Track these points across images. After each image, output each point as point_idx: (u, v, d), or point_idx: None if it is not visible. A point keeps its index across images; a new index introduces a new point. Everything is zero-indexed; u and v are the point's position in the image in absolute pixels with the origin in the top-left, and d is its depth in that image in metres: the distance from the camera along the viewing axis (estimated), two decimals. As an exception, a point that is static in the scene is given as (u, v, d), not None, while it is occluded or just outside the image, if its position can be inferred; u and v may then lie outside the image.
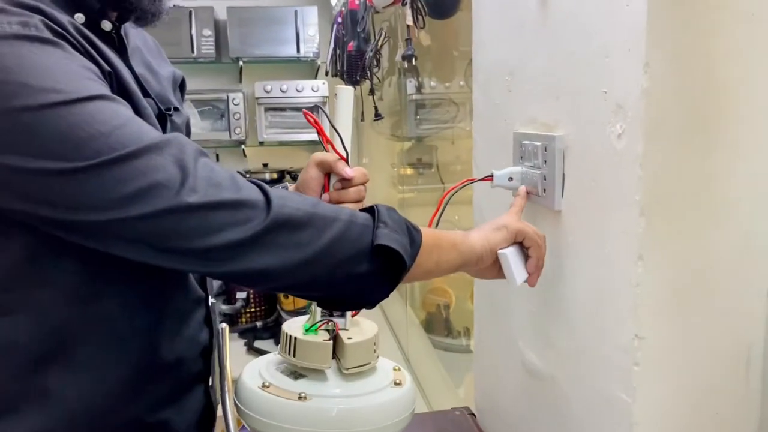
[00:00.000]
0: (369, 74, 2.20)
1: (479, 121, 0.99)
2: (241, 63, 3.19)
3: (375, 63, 2.20)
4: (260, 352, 2.86)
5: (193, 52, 3.04)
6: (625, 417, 0.60)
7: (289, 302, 3.17)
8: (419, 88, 2.54)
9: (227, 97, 3.16)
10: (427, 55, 2.38)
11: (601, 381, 0.64)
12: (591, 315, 0.66)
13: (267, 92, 3.17)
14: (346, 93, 0.82)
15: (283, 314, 3.11)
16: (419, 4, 1.24)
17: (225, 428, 1.27)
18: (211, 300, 0.83)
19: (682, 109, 0.55)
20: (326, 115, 0.78)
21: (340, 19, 2.44)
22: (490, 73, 0.93)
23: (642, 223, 0.56)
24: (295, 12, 3.22)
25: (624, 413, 0.60)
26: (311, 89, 3.19)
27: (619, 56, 0.57)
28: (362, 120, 2.82)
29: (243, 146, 3.25)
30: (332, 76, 2.59)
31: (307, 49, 3.20)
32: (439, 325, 2.43)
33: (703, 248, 0.57)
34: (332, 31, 2.54)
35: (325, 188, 0.82)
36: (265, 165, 3.28)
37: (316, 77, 3.31)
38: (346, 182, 0.80)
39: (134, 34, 0.84)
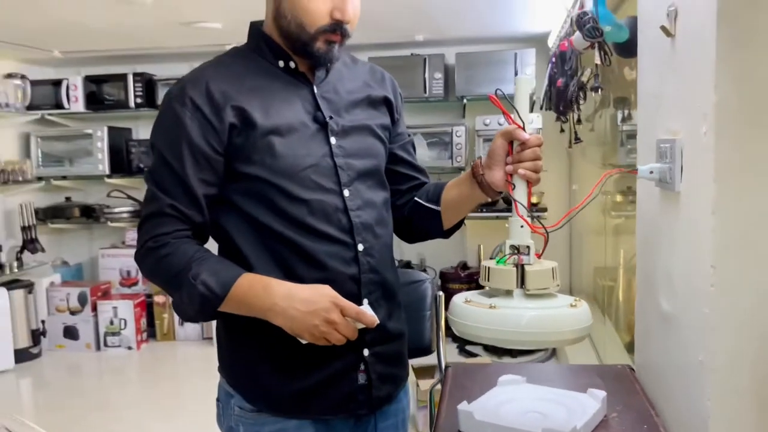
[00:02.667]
0: (575, 106, 2.49)
1: (641, 133, 1.29)
2: (465, 101, 3.66)
3: (582, 96, 2.48)
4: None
5: (425, 92, 3.58)
6: (708, 324, 0.88)
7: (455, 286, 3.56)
8: (626, 119, 2.75)
9: (451, 130, 3.65)
10: (632, 88, 2.60)
11: (695, 304, 0.92)
12: (691, 258, 0.94)
13: (486, 125, 3.59)
14: (525, 81, 1.09)
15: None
16: (605, 47, 1.55)
17: (438, 363, 1.69)
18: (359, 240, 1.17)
19: (741, 115, 0.83)
20: (505, 97, 1.06)
21: (554, 59, 2.77)
22: (646, 97, 1.23)
23: (715, 188, 0.85)
24: (515, 54, 3.61)
25: (707, 322, 0.88)
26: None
27: (704, 81, 0.87)
28: (569, 147, 3.08)
29: (462, 172, 3.70)
30: (546, 109, 2.90)
31: (524, 87, 3.55)
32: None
33: (759, 207, 0.84)
34: (548, 70, 2.87)
35: (509, 152, 1.11)
36: (481, 189, 3.68)
37: (531, 111, 3.64)
38: (524, 145, 1.09)
39: (355, 67, 1.28)
